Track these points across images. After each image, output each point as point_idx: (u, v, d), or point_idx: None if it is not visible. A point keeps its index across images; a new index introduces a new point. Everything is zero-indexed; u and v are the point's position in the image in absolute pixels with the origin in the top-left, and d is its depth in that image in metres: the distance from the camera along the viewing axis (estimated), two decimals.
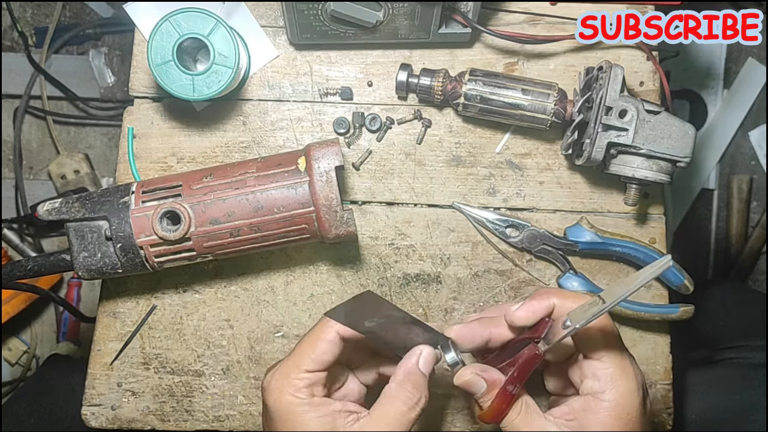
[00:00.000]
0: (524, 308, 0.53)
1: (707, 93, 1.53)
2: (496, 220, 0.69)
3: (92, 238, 0.60)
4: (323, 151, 0.59)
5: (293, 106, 0.71)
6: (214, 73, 0.63)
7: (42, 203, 0.61)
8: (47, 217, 0.60)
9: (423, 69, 0.67)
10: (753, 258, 1.48)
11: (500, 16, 0.71)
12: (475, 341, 0.55)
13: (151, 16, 0.70)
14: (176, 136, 0.71)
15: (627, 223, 0.70)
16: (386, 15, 0.63)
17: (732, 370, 0.94)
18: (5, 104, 1.53)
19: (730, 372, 0.94)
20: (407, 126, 0.71)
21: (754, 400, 0.85)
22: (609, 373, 0.51)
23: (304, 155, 0.60)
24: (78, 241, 0.60)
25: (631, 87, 0.70)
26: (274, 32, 0.72)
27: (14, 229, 1.49)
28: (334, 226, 0.59)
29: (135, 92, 0.71)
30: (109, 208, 0.59)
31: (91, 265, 0.60)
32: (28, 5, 1.55)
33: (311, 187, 0.58)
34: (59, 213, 0.60)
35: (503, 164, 0.70)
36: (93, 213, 0.59)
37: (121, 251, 0.59)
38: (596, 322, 0.50)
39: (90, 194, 0.61)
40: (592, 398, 0.51)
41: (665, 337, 0.69)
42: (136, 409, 0.69)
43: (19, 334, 1.49)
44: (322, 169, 0.59)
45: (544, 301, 0.53)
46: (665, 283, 0.68)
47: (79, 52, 1.55)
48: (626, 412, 0.50)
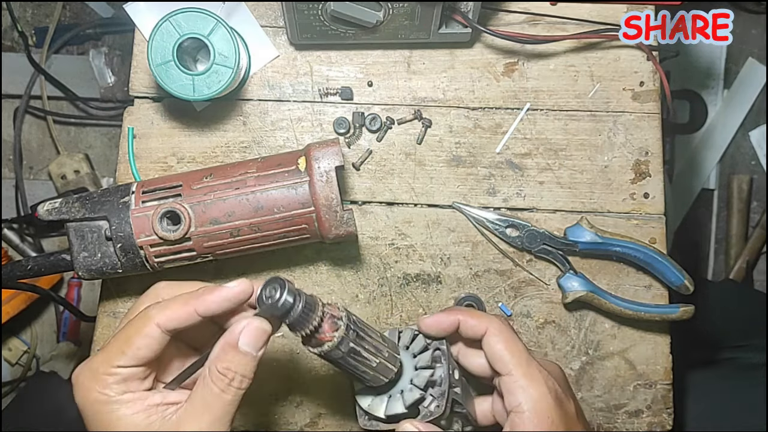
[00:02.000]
0: (432, 318, 0.56)
1: (707, 93, 1.53)
2: (496, 220, 0.69)
3: (92, 238, 0.60)
4: (323, 151, 0.59)
5: (293, 106, 0.71)
6: (215, 73, 0.63)
7: (42, 203, 0.60)
8: (47, 217, 0.60)
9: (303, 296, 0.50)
10: (753, 258, 1.48)
11: (500, 16, 0.71)
12: (443, 327, 0.56)
13: (152, 16, 0.70)
14: (176, 136, 0.71)
15: (627, 223, 0.70)
16: (386, 15, 0.63)
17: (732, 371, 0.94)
18: (5, 104, 1.53)
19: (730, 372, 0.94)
20: (407, 126, 0.71)
21: (754, 400, 0.85)
22: (519, 384, 0.52)
23: (305, 155, 0.60)
24: (78, 241, 0.60)
25: (632, 87, 0.70)
26: (274, 32, 0.72)
27: (14, 229, 1.49)
28: (335, 226, 0.59)
29: (135, 92, 0.71)
30: (109, 208, 0.59)
31: (91, 265, 0.60)
32: (28, 5, 1.55)
33: (311, 187, 0.58)
34: (59, 213, 0.60)
35: (503, 164, 0.70)
36: (93, 213, 0.59)
37: (121, 251, 0.59)
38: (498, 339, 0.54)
39: (90, 194, 0.61)
40: (514, 413, 0.53)
41: (665, 337, 0.69)
42: None
43: (19, 334, 1.49)
44: (322, 169, 0.58)
45: (451, 316, 0.56)
46: (665, 283, 0.68)
47: (79, 52, 1.55)
48: (546, 415, 0.52)
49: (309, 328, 0.48)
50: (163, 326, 0.48)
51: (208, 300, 0.48)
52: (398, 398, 0.54)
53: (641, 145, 0.70)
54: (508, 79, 0.71)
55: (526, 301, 0.69)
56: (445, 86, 0.71)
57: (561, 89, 0.71)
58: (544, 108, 0.71)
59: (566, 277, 0.68)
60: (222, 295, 0.49)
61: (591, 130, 0.70)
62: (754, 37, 1.54)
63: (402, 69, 0.71)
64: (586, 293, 0.66)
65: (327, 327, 0.49)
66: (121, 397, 0.47)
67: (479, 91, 0.71)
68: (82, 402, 0.48)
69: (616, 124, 0.70)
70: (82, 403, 0.48)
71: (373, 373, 0.53)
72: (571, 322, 0.69)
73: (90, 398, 0.47)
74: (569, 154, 0.70)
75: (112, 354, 0.48)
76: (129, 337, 0.48)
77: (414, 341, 0.57)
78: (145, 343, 0.48)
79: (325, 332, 0.49)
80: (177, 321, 0.48)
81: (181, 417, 0.47)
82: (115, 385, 0.47)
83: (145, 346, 0.48)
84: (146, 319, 0.48)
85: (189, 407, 0.48)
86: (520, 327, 0.69)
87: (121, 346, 0.48)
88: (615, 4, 0.70)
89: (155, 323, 0.48)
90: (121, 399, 0.47)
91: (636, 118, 0.70)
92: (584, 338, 0.69)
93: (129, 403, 0.47)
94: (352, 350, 0.50)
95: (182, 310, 0.48)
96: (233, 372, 0.47)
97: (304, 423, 0.68)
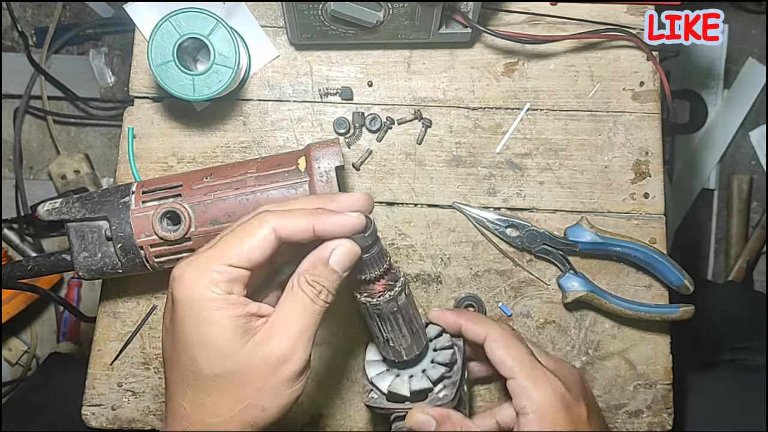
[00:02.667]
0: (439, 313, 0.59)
1: (707, 93, 1.53)
2: (497, 220, 0.69)
3: (92, 238, 0.60)
4: (323, 151, 0.59)
5: (293, 106, 0.71)
6: (215, 73, 0.63)
7: (42, 203, 0.60)
8: (47, 217, 0.60)
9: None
10: (753, 258, 1.48)
11: (500, 16, 0.71)
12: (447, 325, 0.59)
13: (152, 16, 0.70)
14: (176, 136, 0.71)
15: (627, 223, 0.70)
16: (386, 15, 0.63)
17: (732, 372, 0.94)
18: (5, 104, 1.53)
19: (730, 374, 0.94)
20: (407, 126, 0.71)
21: (754, 402, 0.85)
22: (523, 387, 0.53)
23: (305, 155, 0.60)
24: (78, 241, 0.60)
25: (632, 87, 0.70)
26: (275, 32, 0.72)
27: (14, 229, 1.49)
28: None
29: (135, 92, 0.71)
30: (109, 208, 0.59)
31: (91, 265, 0.60)
32: (28, 5, 1.55)
33: (311, 188, 0.58)
34: (59, 213, 0.60)
35: (503, 164, 0.70)
36: (93, 213, 0.59)
37: (121, 251, 0.59)
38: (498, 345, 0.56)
39: (90, 194, 0.61)
40: (520, 415, 0.53)
41: (665, 337, 0.69)
42: (137, 409, 0.69)
43: (19, 334, 1.49)
44: (322, 169, 0.58)
45: (456, 317, 0.58)
46: (666, 283, 0.68)
47: (79, 52, 1.55)
48: (550, 418, 0.52)
49: (374, 273, 0.51)
50: (278, 232, 0.46)
51: (328, 221, 0.47)
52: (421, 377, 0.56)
53: (641, 145, 0.70)
54: (508, 79, 0.71)
55: (526, 301, 0.69)
56: (445, 86, 0.71)
57: (561, 89, 0.71)
58: (544, 108, 0.71)
59: (566, 277, 0.68)
60: (342, 222, 0.47)
61: (591, 130, 0.70)
62: (754, 37, 1.54)
63: (402, 69, 0.71)
64: (586, 293, 0.66)
65: (385, 281, 0.52)
66: (228, 296, 0.46)
67: (479, 91, 0.71)
68: (182, 296, 0.46)
69: (616, 124, 0.70)
70: (182, 298, 0.46)
71: (404, 344, 0.55)
72: (572, 322, 0.69)
73: (195, 293, 0.45)
74: (569, 154, 0.70)
75: (224, 252, 0.46)
76: (242, 238, 0.46)
77: (439, 337, 0.60)
78: (260, 244, 0.46)
79: (386, 282, 0.52)
80: (292, 231, 0.46)
81: (272, 325, 0.46)
82: (223, 283, 0.46)
83: (259, 247, 0.46)
84: (263, 221, 0.46)
85: (277, 318, 0.47)
86: (521, 327, 0.69)
87: (233, 245, 0.46)
88: (615, 4, 0.70)
89: (272, 227, 0.46)
90: (227, 298, 0.46)
91: (636, 118, 0.70)
92: (584, 338, 0.69)
93: (232, 306, 0.46)
94: (397, 312, 0.53)
95: (301, 222, 0.47)
96: (321, 285, 0.47)
97: (304, 423, 0.68)
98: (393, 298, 0.52)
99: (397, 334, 0.54)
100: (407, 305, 0.54)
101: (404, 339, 0.55)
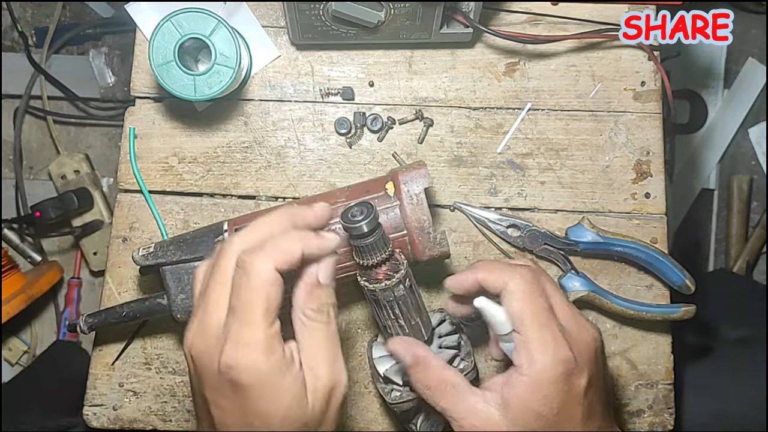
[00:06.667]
0: (454, 279, 0.54)
1: (707, 93, 1.53)
2: (498, 220, 0.69)
3: (189, 280, 0.60)
4: (411, 174, 0.60)
5: (295, 106, 0.71)
6: (216, 74, 0.63)
7: (136, 250, 0.60)
8: (143, 262, 0.60)
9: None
10: (753, 258, 1.48)
11: (501, 16, 0.71)
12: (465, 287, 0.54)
13: (153, 16, 0.70)
14: (178, 137, 0.71)
15: (628, 223, 0.70)
16: (388, 15, 0.63)
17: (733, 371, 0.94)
18: (5, 104, 1.53)
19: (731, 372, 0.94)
20: (408, 126, 0.71)
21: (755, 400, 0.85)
22: (528, 346, 0.49)
23: (392, 180, 0.60)
24: (175, 284, 0.60)
25: (633, 87, 0.70)
26: (276, 32, 0.72)
27: (14, 229, 1.48)
28: (428, 248, 0.59)
29: (136, 92, 0.71)
30: (204, 248, 0.59)
31: (189, 306, 0.59)
32: (28, 5, 1.55)
33: (402, 211, 0.59)
34: (155, 257, 0.60)
35: (505, 164, 0.70)
36: (189, 254, 0.59)
37: None
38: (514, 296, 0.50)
39: (183, 237, 0.61)
40: (514, 371, 0.49)
41: (667, 337, 0.69)
42: (138, 410, 0.69)
43: (19, 334, 1.49)
44: (411, 192, 0.59)
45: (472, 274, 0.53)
46: (667, 283, 0.68)
47: (79, 52, 1.55)
48: (542, 387, 0.48)
49: (372, 260, 0.51)
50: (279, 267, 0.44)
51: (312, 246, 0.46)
52: None
53: (642, 145, 0.70)
54: (510, 79, 0.71)
55: None
56: (446, 86, 0.71)
57: (562, 89, 0.71)
58: (546, 108, 0.71)
59: (568, 277, 0.68)
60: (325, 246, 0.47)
61: (592, 130, 0.70)
62: (754, 37, 1.54)
63: (403, 69, 0.71)
64: (588, 293, 0.66)
65: (387, 267, 0.52)
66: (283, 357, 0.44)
67: (480, 91, 0.71)
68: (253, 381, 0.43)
69: (618, 124, 0.70)
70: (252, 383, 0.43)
71: (408, 331, 0.55)
72: None
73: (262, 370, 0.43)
74: (570, 154, 0.70)
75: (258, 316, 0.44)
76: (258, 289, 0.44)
77: (441, 324, 0.61)
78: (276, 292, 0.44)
79: (385, 271, 0.52)
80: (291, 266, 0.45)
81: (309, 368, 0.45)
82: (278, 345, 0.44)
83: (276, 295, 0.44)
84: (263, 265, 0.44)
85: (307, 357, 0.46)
86: None
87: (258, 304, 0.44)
88: (616, 4, 0.70)
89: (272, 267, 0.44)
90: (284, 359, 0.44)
91: (637, 117, 0.70)
92: None
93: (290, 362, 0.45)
94: (393, 302, 0.53)
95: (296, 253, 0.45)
96: (325, 306, 0.47)
97: None
98: (389, 288, 0.52)
99: (393, 323, 0.55)
100: (406, 297, 0.54)
101: (401, 330, 0.55)
